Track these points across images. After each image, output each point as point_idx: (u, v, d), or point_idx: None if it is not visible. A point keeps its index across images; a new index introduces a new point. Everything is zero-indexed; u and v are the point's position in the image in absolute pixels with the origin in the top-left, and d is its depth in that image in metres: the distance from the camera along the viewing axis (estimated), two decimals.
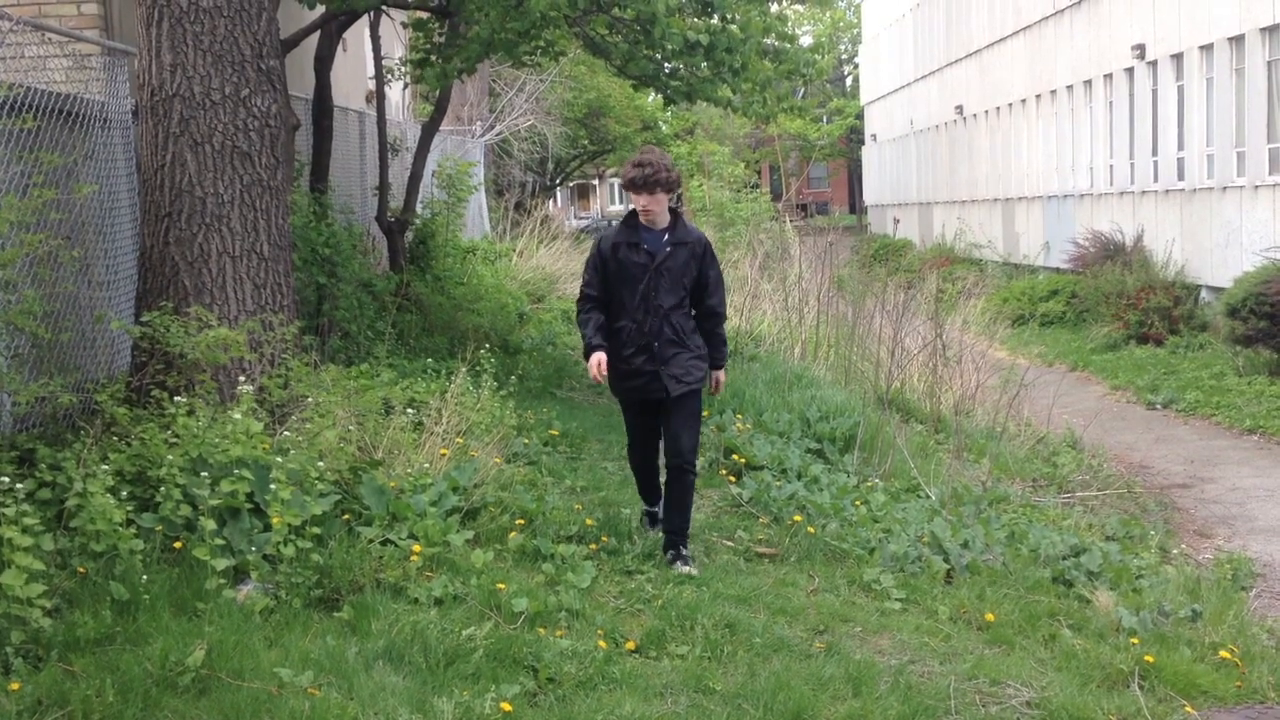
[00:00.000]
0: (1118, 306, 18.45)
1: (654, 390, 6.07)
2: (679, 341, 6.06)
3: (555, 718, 4.32)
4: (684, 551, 6.17)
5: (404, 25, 14.06)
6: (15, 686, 4.01)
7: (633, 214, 6.16)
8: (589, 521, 6.33)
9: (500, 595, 5.14)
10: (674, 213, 6.15)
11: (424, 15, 12.06)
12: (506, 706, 4.24)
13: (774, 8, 11.86)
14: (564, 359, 12.43)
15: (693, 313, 6.21)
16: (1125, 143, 21.86)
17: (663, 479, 6.35)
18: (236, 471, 5.26)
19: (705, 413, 7.49)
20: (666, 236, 6.09)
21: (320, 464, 5.55)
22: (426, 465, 6.32)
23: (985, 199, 30.00)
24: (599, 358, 6.00)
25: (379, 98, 12.17)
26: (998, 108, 28.98)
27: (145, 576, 4.79)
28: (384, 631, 4.74)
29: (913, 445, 9.16)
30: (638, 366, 6.06)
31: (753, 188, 33.14)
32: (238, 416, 5.54)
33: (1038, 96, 26.24)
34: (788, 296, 13.92)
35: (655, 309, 6.03)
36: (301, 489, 5.37)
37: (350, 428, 6.23)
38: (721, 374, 6.36)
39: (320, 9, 10.03)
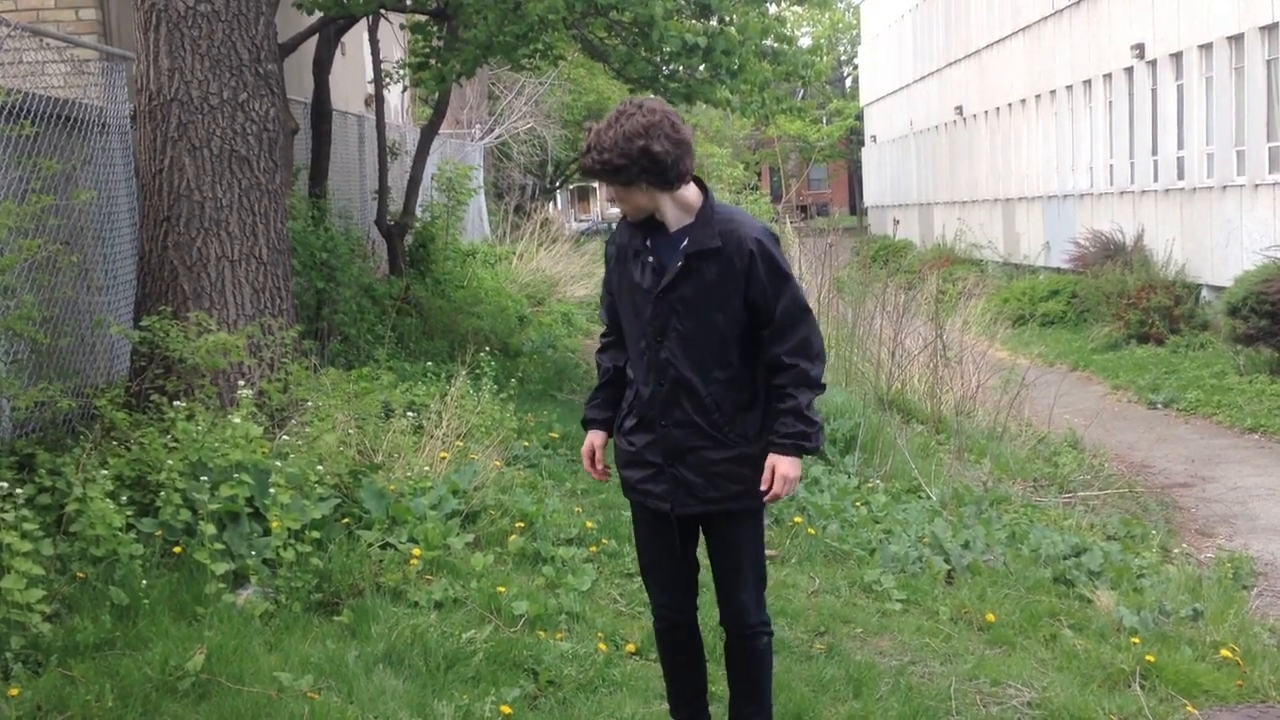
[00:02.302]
0: (1118, 306, 18.44)
1: (658, 496, 3.69)
2: (707, 429, 3.60)
3: None
4: None
5: (402, 29, 14.07)
6: (15, 692, 4.00)
7: None
8: (589, 524, 6.32)
9: (500, 598, 5.14)
10: (702, 187, 3.61)
11: (422, 19, 12.08)
12: (507, 710, 4.24)
13: (772, 9, 11.88)
14: (564, 362, 12.43)
15: (747, 371, 3.64)
16: (1125, 142, 21.85)
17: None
18: (236, 476, 5.26)
19: None
20: (685, 241, 3.57)
21: (320, 468, 5.55)
22: (426, 469, 6.32)
23: (985, 199, 29.99)
24: (593, 441, 3.88)
25: (378, 101, 12.18)
26: (997, 108, 28.98)
27: (145, 581, 4.79)
28: (384, 635, 4.74)
29: (913, 446, 9.15)
30: (638, 450, 3.70)
31: (753, 189, 33.13)
32: (237, 421, 5.54)
33: (1037, 96, 26.24)
34: None
35: (662, 368, 3.59)
36: (301, 493, 5.37)
37: (350, 431, 6.23)
38: (785, 464, 3.56)
39: (318, 13, 10.04)
